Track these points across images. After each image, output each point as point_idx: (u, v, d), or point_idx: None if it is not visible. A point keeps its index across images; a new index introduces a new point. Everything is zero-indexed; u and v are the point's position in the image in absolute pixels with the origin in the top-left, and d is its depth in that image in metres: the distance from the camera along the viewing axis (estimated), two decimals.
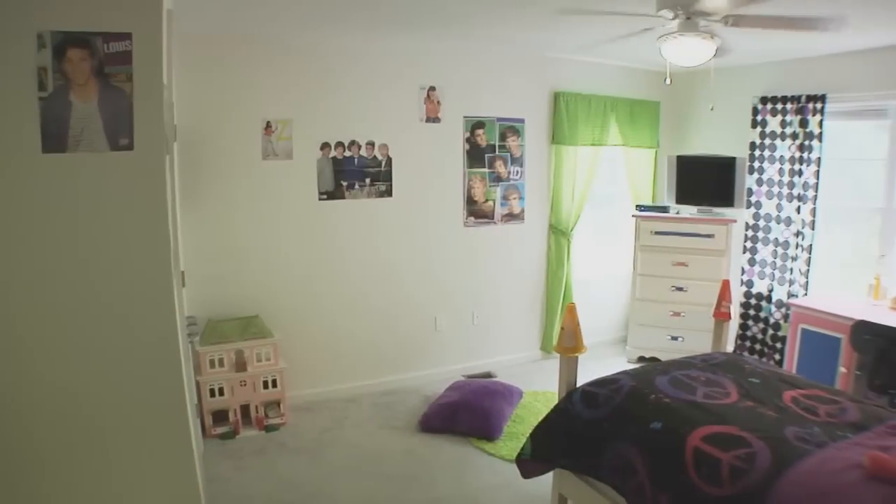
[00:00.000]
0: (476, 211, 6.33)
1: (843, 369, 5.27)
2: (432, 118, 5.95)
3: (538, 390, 5.91)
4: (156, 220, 2.77)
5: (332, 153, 5.55)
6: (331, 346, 5.76)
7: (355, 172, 5.67)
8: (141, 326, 2.79)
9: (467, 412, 5.13)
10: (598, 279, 7.34)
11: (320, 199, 5.57)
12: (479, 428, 5.04)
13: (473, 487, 4.37)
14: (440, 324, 6.31)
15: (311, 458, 4.73)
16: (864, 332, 4.94)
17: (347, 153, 5.61)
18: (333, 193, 5.61)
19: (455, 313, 6.40)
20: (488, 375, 6.30)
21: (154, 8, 2.64)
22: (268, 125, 5.29)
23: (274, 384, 5.17)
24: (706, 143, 7.04)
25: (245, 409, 5.09)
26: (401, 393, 5.93)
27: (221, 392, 4.98)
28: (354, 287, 5.82)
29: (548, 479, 3.91)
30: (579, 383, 3.83)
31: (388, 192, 5.84)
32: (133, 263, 2.75)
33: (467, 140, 6.16)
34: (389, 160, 5.79)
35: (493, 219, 6.44)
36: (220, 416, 5.01)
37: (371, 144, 5.69)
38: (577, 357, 3.87)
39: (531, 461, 3.79)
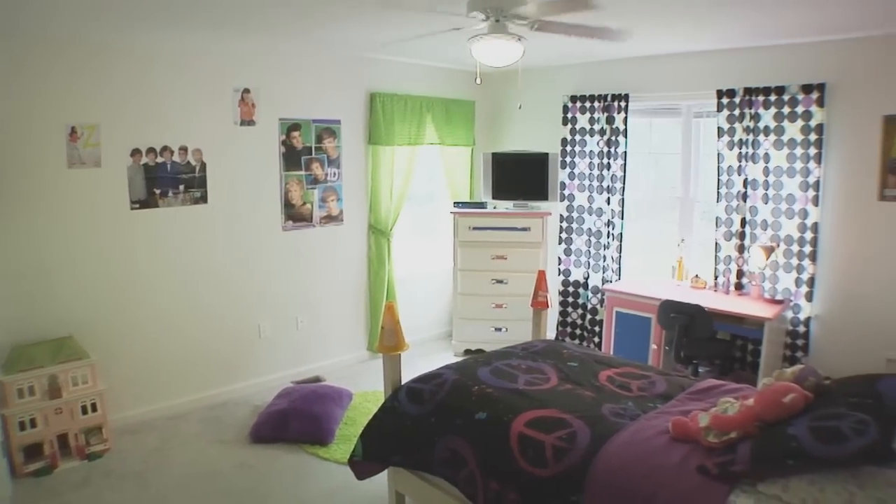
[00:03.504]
0: (294, 214, 6.22)
1: (653, 346, 5.69)
2: (247, 121, 5.79)
3: (368, 390, 5.93)
4: None
5: (144, 160, 5.27)
6: (153, 362, 5.49)
7: (168, 179, 5.42)
8: None
9: (298, 419, 5.06)
10: (421, 276, 7.45)
11: (132, 209, 5.28)
12: (311, 433, 4.98)
13: (310, 494, 4.32)
14: (264, 331, 6.17)
15: (139, 483, 4.48)
16: (670, 311, 5.36)
17: (160, 159, 5.35)
18: (146, 202, 5.33)
19: (279, 319, 6.28)
20: (317, 380, 6.23)
21: None
22: (73, 131, 4.94)
23: (94, 408, 4.84)
24: (520, 140, 7.32)
25: (63, 439, 4.71)
26: (229, 405, 5.76)
27: (34, 423, 4.57)
28: (174, 299, 5.57)
29: (383, 478, 3.95)
30: (405, 380, 3.87)
31: (204, 199, 5.62)
32: None
33: (283, 143, 6.05)
34: (203, 165, 5.58)
35: (311, 221, 6.36)
36: (34, 451, 4.59)
37: (184, 149, 5.46)
38: (399, 355, 3.92)
39: (363, 462, 3.81)
